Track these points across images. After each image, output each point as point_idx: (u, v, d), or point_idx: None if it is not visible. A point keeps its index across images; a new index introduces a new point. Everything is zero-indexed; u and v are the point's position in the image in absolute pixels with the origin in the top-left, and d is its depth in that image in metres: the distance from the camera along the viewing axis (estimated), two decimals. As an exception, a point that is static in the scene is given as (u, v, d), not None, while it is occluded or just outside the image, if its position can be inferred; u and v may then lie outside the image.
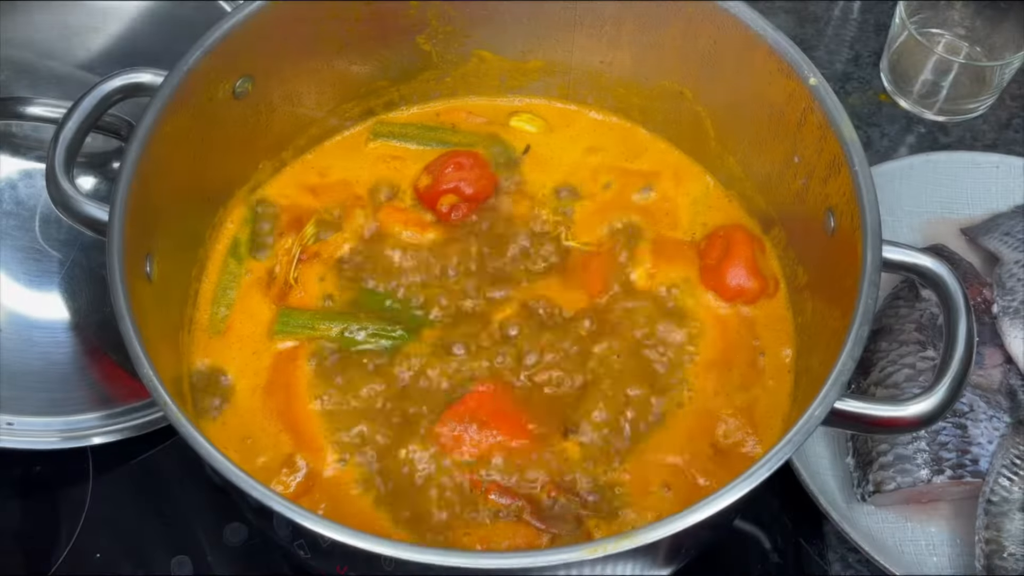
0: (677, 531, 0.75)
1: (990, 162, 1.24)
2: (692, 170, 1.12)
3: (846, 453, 1.08)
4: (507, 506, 0.93)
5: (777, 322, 1.03)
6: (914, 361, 1.08)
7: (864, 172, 0.90)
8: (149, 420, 1.06)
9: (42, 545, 1.07)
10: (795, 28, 1.42)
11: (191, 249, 1.03)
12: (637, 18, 1.05)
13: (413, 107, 1.15)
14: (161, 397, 0.81)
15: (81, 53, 1.18)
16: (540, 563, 0.74)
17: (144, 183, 0.90)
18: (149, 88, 0.93)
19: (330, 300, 1.03)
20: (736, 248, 1.04)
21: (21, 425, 1.04)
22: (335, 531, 0.75)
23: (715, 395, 0.99)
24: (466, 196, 1.07)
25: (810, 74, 0.95)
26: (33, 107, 1.13)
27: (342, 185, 1.10)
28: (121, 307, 0.83)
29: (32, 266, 1.12)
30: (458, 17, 1.07)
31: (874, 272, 0.85)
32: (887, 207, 1.12)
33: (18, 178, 1.14)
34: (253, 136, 1.05)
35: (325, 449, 0.96)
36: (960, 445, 1.04)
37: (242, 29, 0.96)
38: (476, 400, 0.97)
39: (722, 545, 1.09)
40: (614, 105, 1.14)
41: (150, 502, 1.10)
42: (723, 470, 0.95)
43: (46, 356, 1.09)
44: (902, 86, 1.35)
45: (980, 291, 1.14)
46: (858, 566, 1.08)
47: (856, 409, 0.83)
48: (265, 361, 1.00)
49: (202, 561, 1.07)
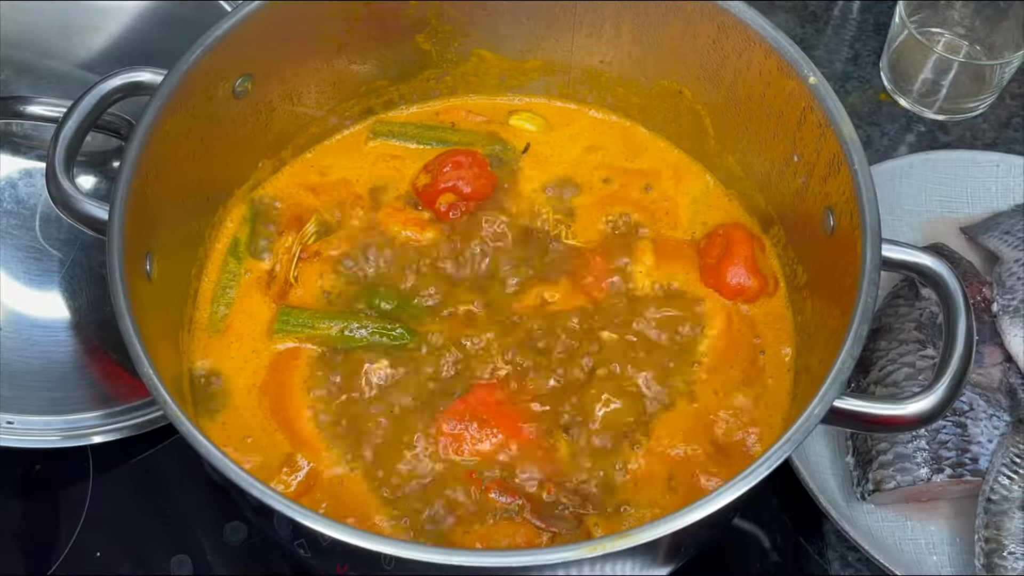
0: (676, 529, 0.76)
1: (990, 161, 1.24)
2: (692, 169, 1.12)
3: (846, 452, 1.08)
4: (507, 504, 0.93)
5: (777, 321, 1.03)
6: (914, 360, 1.08)
7: (864, 171, 0.90)
8: (149, 419, 1.06)
9: (42, 544, 1.07)
10: (795, 27, 1.42)
11: (191, 248, 1.03)
12: (637, 17, 1.05)
13: (413, 106, 1.15)
14: (161, 396, 0.81)
15: (81, 52, 1.18)
16: (540, 561, 0.75)
17: (144, 182, 0.90)
18: (149, 87, 0.93)
19: (330, 299, 1.03)
20: (736, 247, 1.04)
21: (21, 424, 1.04)
22: (335, 529, 0.75)
23: (715, 394, 0.99)
24: (465, 195, 1.07)
25: (810, 73, 0.95)
26: (33, 106, 1.13)
27: (342, 184, 1.10)
28: (121, 306, 0.83)
29: (32, 265, 1.12)
30: (457, 16, 1.07)
31: (873, 271, 0.85)
32: (887, 206, 1.13)
33: (18, 177, 1.14)
34: (253, 135, 1.05)
35: (325, 448, 0.96)
36: (960, 444, 1.04)
37: (242, 28, 0.96)
38: (476, 399, 0.97)
39: (722, 544, 1.09)
40: (614, 104, 1.14)
41: (150, 501, 1.10)
42: (723, 468, 0.95)
43: (46, 355, 1.09)
44: (902, 85, 1.35)
45: (980, 290, 1.14)
46: (858, 565, 1.08)
47: (855, 407, 0.83)
48: (265, 360, 1.00)
49: (202, 560, 1.07)
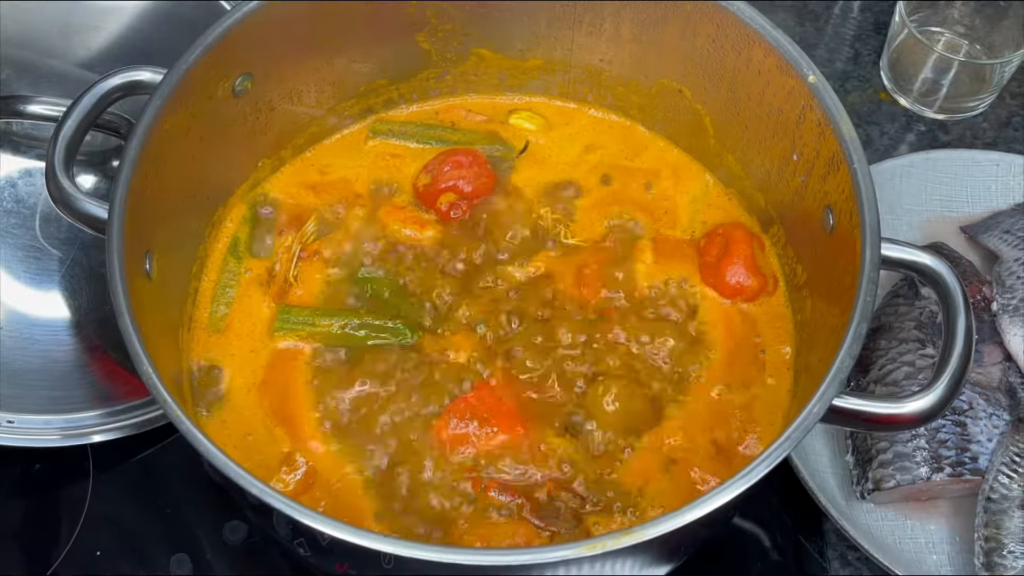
0: (676, 528, 0.76)
1: (990, 160, 1.24)
2: (691, 168, 1.12)
3: (845, 451, 1.08)
4: (507, 503, 0.93)
5: (776, 320, 1.03)
6: (913, 359, 1.08)
7: (863, 170, 0.90)
8: (149, 418, 1.06)
9: (42, 543, 1.07)
10: (795, 26, 1.42)
11: (191, 247, 1.03)
12: (636, 16, 1.05)
13: (412, 105, 1.15)
14: (161, 395, 0.81)
15: (81, 51, 1.18)
16: (540, 560, 0.75)
17: (144, 181, 0.90)
18: (148, 86, 0.93)
19: (330, 298, 1.03)
20: (735, 246, 1.04)
21: (21, 423, 1.04)
22: (334, 528, 0.75)
23: (714, 392, 0.99)
24: (465, 194, 1.07)
25: (809, 72, 0.95)
26: (33, 105, 1.13)
27: (342, 183, 1.10)
28: (121, 305, 0.83)
29: (32, 264, 1.12)
30: (457, 15, 1.07)
31: (873, 270, 0.85)
32: (887, 205, 1.13)
33: (18, 176, 1.14)
34: (253, 134, 1.05)
35: (324, 447, 0.96)
36: (959, 443, 1.04)
37: (242, 27, 0.96)
38: (476, 397, 0.97)
39: (721, 542, 1.09)
40: (613, 103, 1.14)
41: (150, 500, 1.10)
42: (723, 467, 0.95)
43: (46, 354, 1.09)
44: (902, 84, 1.35)
45: (979, 289, 1.14)
46: (857, 564, 1.08)
47: (855, 406, 0.83)
48: (264, 359, 1.00)
49: (201, 559, 1.07)
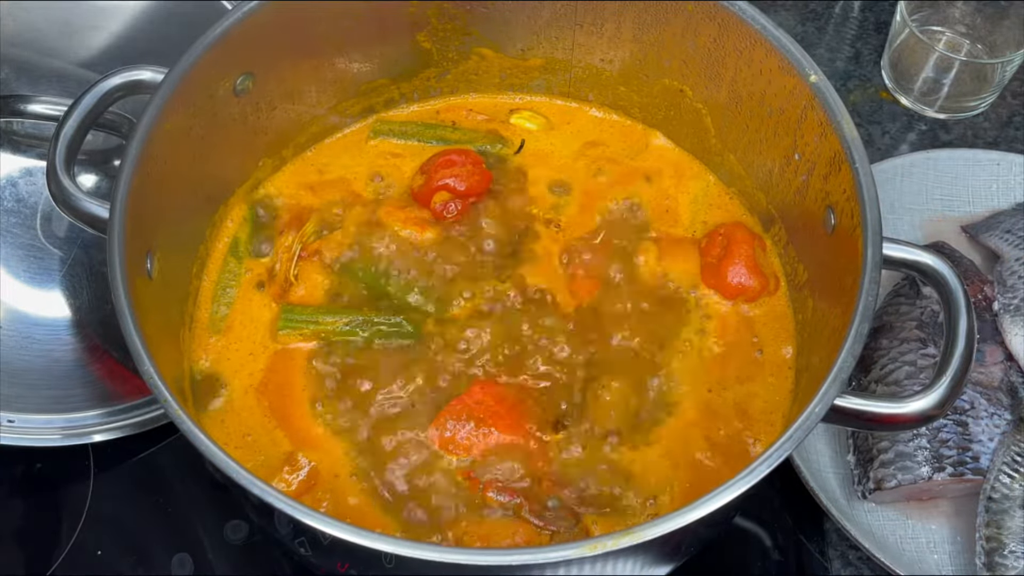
0: (677, 528, 0.75)
1: (991, 159, 1.24)
2: (692, 167, 1.12)
3: (847, 450, 1.08)
4: (506, 504, 0.93)
5: (777, 319, 1.03)
6: (915, 358, 1.08)
7: (864, 169, 0.90)
8: (150, 417, 1.06)
9: (43, 542, 1.07)
10: (796, 26, 1.41)
11: (191, 247, 1.03)
12: (638, 16, 1.05)
13: (413, 105, 1.15)
14: (162, 394, 0.81)
15: (82, 51, 1.18)
16: (540, 560, 0.74)
17: (144, 181, 0.90)
18: (149, 85, 0.93)
19: (330, 297, 1.03)
20: (736, 246, 1.04)
21: (22, 422, 1.04)
22: (335, 528, 0.75)
23: (715, 392, 0.99)
24: (458, 192, 1.07)
25: (810, 71, 0.95)
26: (34, 105, 1.13)
27: (342, 183, 1.10)
28: (122, 304, 0.83)
29: (33, 264, 1.12)
30: (458, 15, 1.07)
31: (874, 269, 0.85)
32: (888, 204, 1.13)
33: (19, 176, 1.14)
34: (253, 134, 1.05)
35: (325, 446, 0.96)
36: (961, 442, 1.04)
37: (242, 27, 0.96)
38: (474, 397, 0.96)
39: (722, 542, 1.09)
40: (614, 102, 1.14)
41: (151, 500, 1.10)
42: (723, 467, 0.95)
43: (47, 353, 1.09)
44: (903, 84, 1.35)
45: (981, 288, 1.14)
46: (859, 564, 1.08)
47: (856, 406, 0.83)
48: (265, 359, 1.00)
49: (203, 559, 1.06)
